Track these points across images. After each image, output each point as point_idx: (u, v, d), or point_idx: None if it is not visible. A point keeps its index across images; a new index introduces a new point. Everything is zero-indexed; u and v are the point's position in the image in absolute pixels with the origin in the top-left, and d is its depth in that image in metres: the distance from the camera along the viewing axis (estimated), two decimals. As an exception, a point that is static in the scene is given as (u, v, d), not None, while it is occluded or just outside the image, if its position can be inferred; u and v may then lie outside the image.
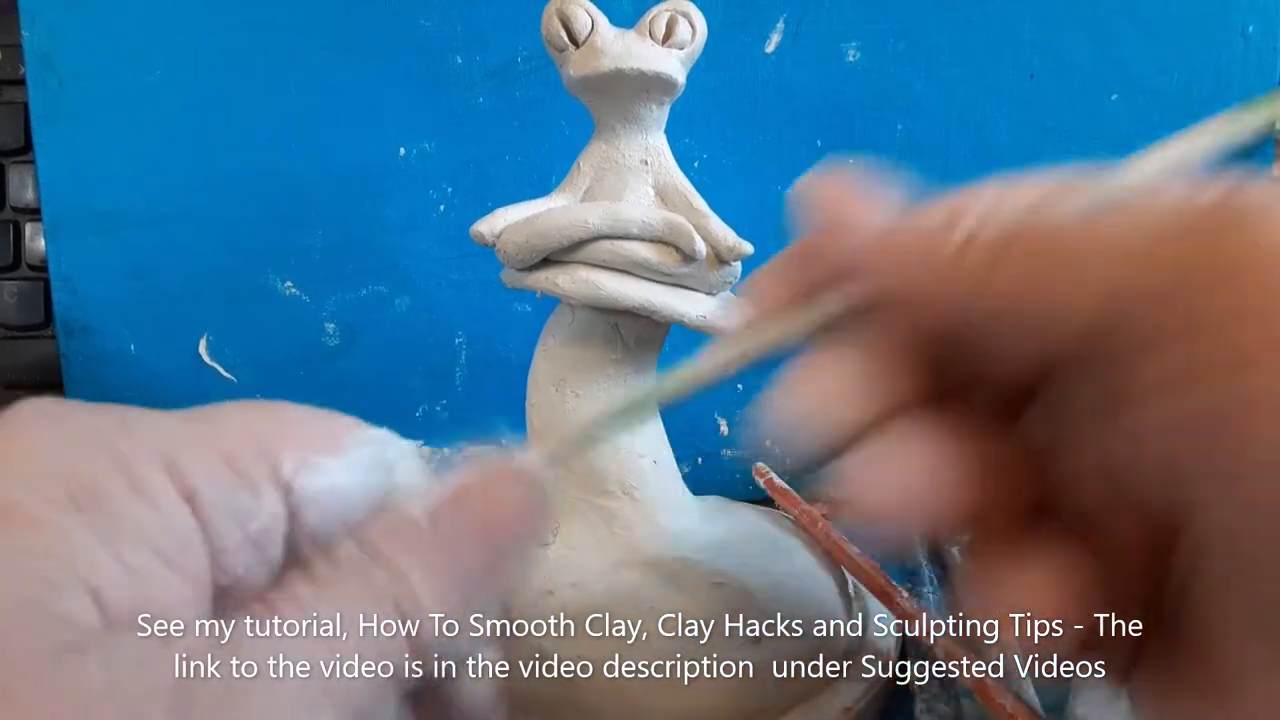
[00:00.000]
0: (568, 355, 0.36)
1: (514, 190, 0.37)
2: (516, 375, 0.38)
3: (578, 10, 0.33)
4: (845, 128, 0.51)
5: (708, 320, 0.34)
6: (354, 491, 0.18)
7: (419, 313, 0.53)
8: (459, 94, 0.51)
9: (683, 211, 0.35)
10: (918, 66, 0.50)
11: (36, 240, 0.56)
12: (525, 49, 0.50)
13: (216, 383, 0.51)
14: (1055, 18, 0.50)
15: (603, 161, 0.36)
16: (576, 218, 0.33)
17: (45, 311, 0.56)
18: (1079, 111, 0.50)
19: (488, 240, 0.34)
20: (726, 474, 0.53)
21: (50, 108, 0.50)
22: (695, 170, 0.50)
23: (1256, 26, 0.49)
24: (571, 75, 0.34)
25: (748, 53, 0.50)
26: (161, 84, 0.50)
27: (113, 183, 0.51)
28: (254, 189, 0.51)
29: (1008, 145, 0.51)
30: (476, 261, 0.51)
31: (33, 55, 0.50)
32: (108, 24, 0.49)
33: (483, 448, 0.20)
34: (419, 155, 0.51)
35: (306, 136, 0.51)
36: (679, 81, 0.34)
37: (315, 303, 0.52)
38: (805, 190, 0.19)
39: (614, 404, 0.22)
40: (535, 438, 0.37)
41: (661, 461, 0.37)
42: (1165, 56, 0.50)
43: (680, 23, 0.34)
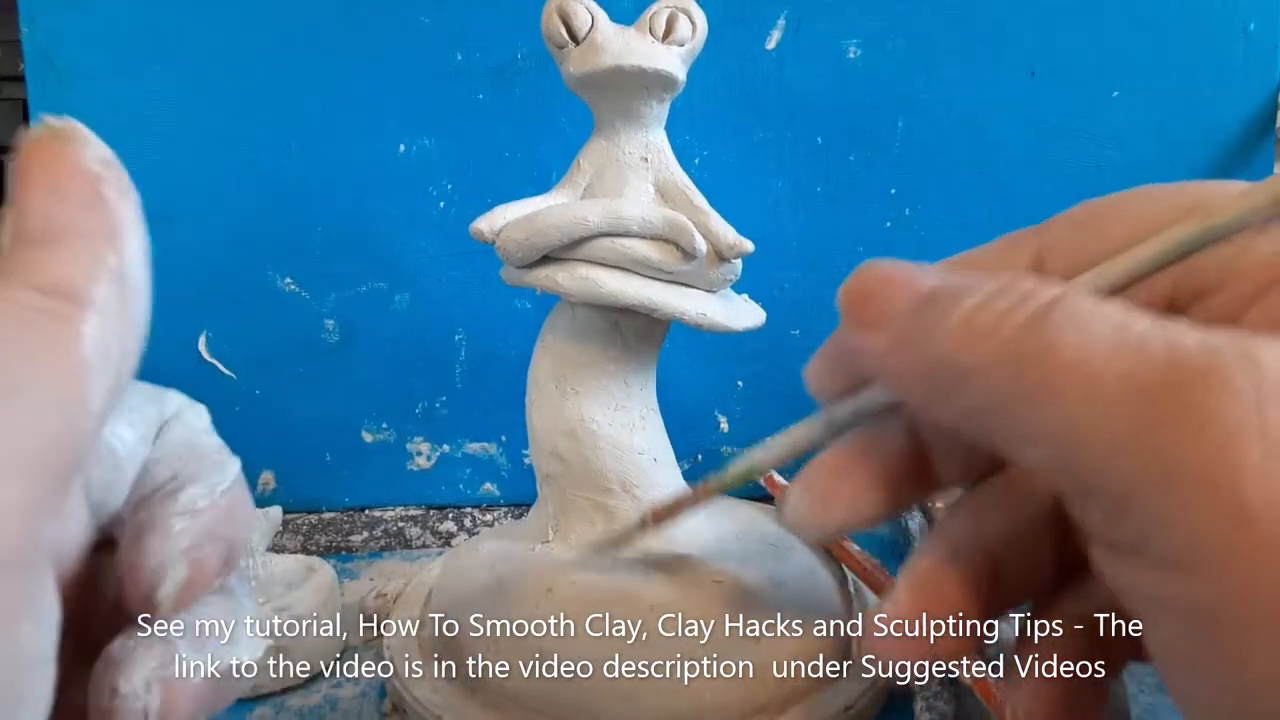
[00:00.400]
0: (568, 352, 0.36)
1: (514, 187, 0.37)
2: (516, 372, 0.38)
3: (578, 7, 0.33)
4: (846, 124, 0.51)
5: (708, 317, 0.34)
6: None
7: (419, 309, 0.53)
8: (459, 91, 0.50)
9: (683, 209, 0.35)
10: (918, 63, 0.50)
11: (36, 237, 0.55)
12: (525, 46, 0.50)
13: (216, 379, 0.51)
14: (1056, 15, 0.49)
15: (603, 158, 0.36)
16: (576, 215, 0.33)
17: (44, 308, 0.56)
18: (1079, 108, 0.50)
19: (487, 238, 0.34)
20: (726, 471, 0.53)
21: (50, 105, 0.50)
22: (695, 167, 0.50)
23: (1257, 24, 0.49)
24: (571, 72, 0.34)
25: (748, 49, 0.50)
26: (161, 81, 0.50)
27: (112, 179, 0.51)
28: (254, 185, 0.51)
29: (1008, 142, 0.51)
30: (476, 258, 0.51)
31: (32, 52, 0.50)
32: (107, 21, 0.49)
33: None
34: (419, 152, 0.51)
35: (306, 133, 0.51)
36: (679, 78, 0.34)
37: (315, 299, 0.52)
38: (842, 294, 0.20)
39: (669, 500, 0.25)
40: (535, 436, 0.37)
41: (661, 459, 0.37)
42: (1166, 54, 0.49)
43: (680, 20, 0.34)
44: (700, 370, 0.53)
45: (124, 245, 0.16)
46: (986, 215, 0.51)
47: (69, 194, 0.16)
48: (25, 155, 0.16)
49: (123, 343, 0.16)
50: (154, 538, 0.17)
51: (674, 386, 0.50)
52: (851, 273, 0.19)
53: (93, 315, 0.15)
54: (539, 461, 0.37)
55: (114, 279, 0.16)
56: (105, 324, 0.16)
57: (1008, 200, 0.51)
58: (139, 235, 0.17)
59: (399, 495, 0.54)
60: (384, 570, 0.48)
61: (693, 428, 0.53)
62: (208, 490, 0.18)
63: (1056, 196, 0.50)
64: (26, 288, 0.15)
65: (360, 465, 0.54)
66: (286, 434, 0.53)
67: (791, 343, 0.52)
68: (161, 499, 0.18)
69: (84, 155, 0.17)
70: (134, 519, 0.17)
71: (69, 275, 0.15)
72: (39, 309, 0.15)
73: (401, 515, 0.53)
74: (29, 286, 0.15)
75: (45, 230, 0.16)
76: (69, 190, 0.16)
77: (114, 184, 0.17)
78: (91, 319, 0.15)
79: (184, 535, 0.17)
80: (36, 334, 0.15)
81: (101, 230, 0.16)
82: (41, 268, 0.15)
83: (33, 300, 0.15)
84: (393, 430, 0.54)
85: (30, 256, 0.16)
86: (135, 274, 0.16)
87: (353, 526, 0.52)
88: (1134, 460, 0.14)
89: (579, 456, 0.36)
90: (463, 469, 0.54)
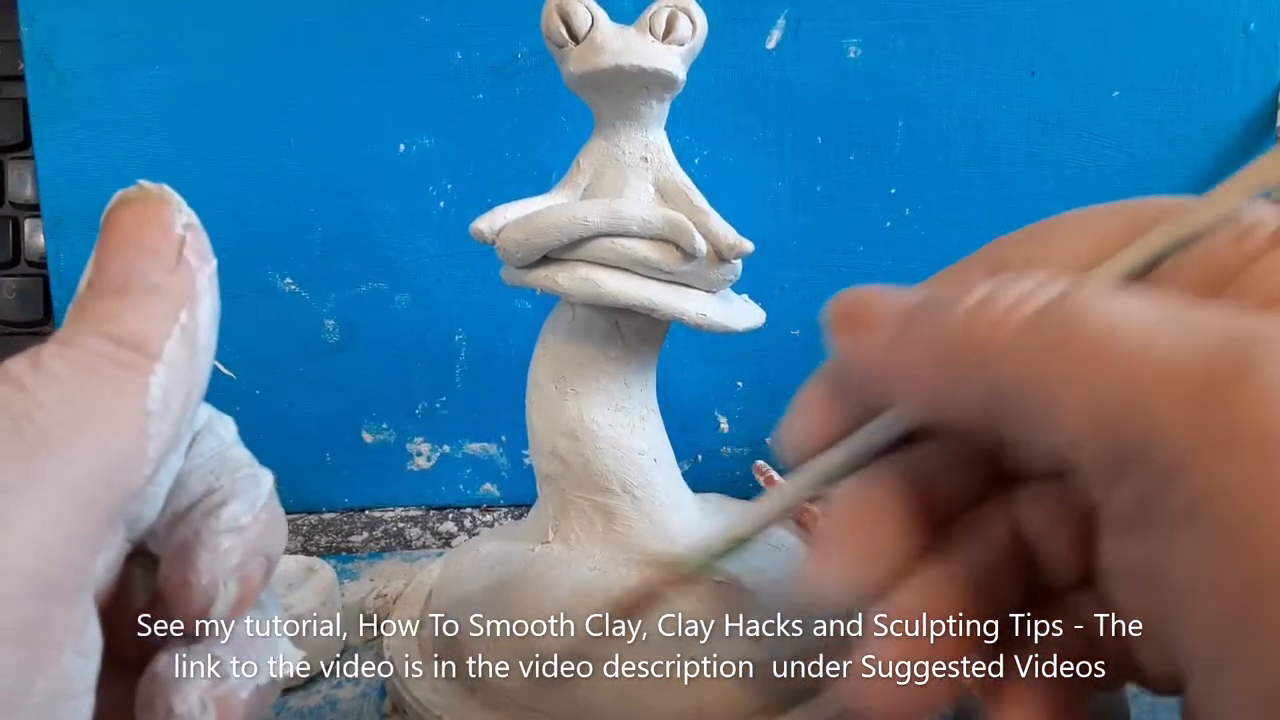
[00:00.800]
0: (568, 352, 0.36)
1: (514, 187, 0.37)
2: (516, 372, 0.38)
3: (578, 6, 0.33)
4: (846, 124, 0.51)
5: (708, 318, 0.34)
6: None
7: (419, 309, 0.53)
8: (459, 90, 0.50)
9: (683, 209, 0.35)
10: (919, 63, 0.50)
11: (36, 236, 0.55)
12: (525, 45, 0.50)
13: (216, 379, 0.51)
14: (1056, 14, 0.49)
15: (603, 158, 0.36)
16: (576, 215, 0.33)
17: (45, 308, 0.56)
18: (1080, 108, 0.50)
19: (487, 238, 0.34)
20: (726, 471, 0.53)
21: (49, 104, 0.50)
22: (696, 167, 0.50)
23: (1258, 23, 0.49)
24: (571, 72, 0.34)
25: (749, 49, 0.50)
26: (160, 80, 0.50)
27: (112, 179, 0.51)
28: (253, 185, 0.51)
29: (1008, 141, 0.51)
30: (476, 258, 0.51)
31: (32, 51, 0.50)
32: (107, 20, 0.49)
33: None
34: (419, 152, 0.51)
35: (306, 132, 0.51)
36: (679, 78, 0.34)
37: (315, 299, 0.52)
38: (827, 313, 0.19)
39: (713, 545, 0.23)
40: (535, 436, 0.37)
41: (661, 459, 0.37)
42: (1166, 53, 0.49)
43: (680, 19, 0.34)
44: (700, 370, 0.53)
45: (198, 307, 0.17)
46: (986, 215, 0.51)
47: (155, 253, 0.17)
48: (116, 211, 0.18)
49: (185, 397, 0.17)
50: (204, 555, 0.17)
51: (674, 387, 0.51)
52: (830, 300, 0.19)
53: (161, 368, 0.16)
54: (539, 462, 0.37)
55: (184, 337, 0.17)
56: (171, 378, 0.16)
57: (1008, 200, 0.51)
58: (213, 298, 0.18)
59: (399, 496, 0.54)
60: (384, 571, 0.48)
61: (693, 428, 0.53)
62: (249, 506, 0.18)
63: (1056, 196, 0.50)
64: (100, 335, 0.16)
65: (360, 466, 0.54)
66: (286, 434, 0.53)
67: (791, 343, 0.52)
68: (203, 515, 0.18)
69: (173, 219, 0.18)
70: (174, 535, 0.18)
71: (143, 329, 0.16)
72: (111, 357, 0.16)
73: (401, 516, 0.53)
74: (103, 334, 0.16)
75: (126, 283, 0.17)
76: (155, 250, 0.17)
77: (196, 249, 0.18)
78: (160, 371, 0.16)
79: (232, 552, 0.18)
80: (105, 380, 0.16)
81: (179, 291, 0.17)
82: (118, 318, 0.16)
83: (105, 348, 0.16)
84: (393, 431, 0.54)
85: (108, 306, 0.17)
86: (204, 335, 0.17)
87: (353, 527, 0.52)
88: (1188, 429, 0.13)
89: (579, 457, 0.36)
90: (463, 469, 0.54)
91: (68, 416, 0.15)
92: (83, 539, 0.15)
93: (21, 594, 0.14)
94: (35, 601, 0.14)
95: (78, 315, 0.17)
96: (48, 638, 0.15)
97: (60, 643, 0.15)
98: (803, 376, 0.21)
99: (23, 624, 0.14)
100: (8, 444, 0.14)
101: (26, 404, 0.15)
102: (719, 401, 0.54)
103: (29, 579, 0.14)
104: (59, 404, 0.15)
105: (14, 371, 0.15)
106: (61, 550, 0.15)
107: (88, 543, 0.15)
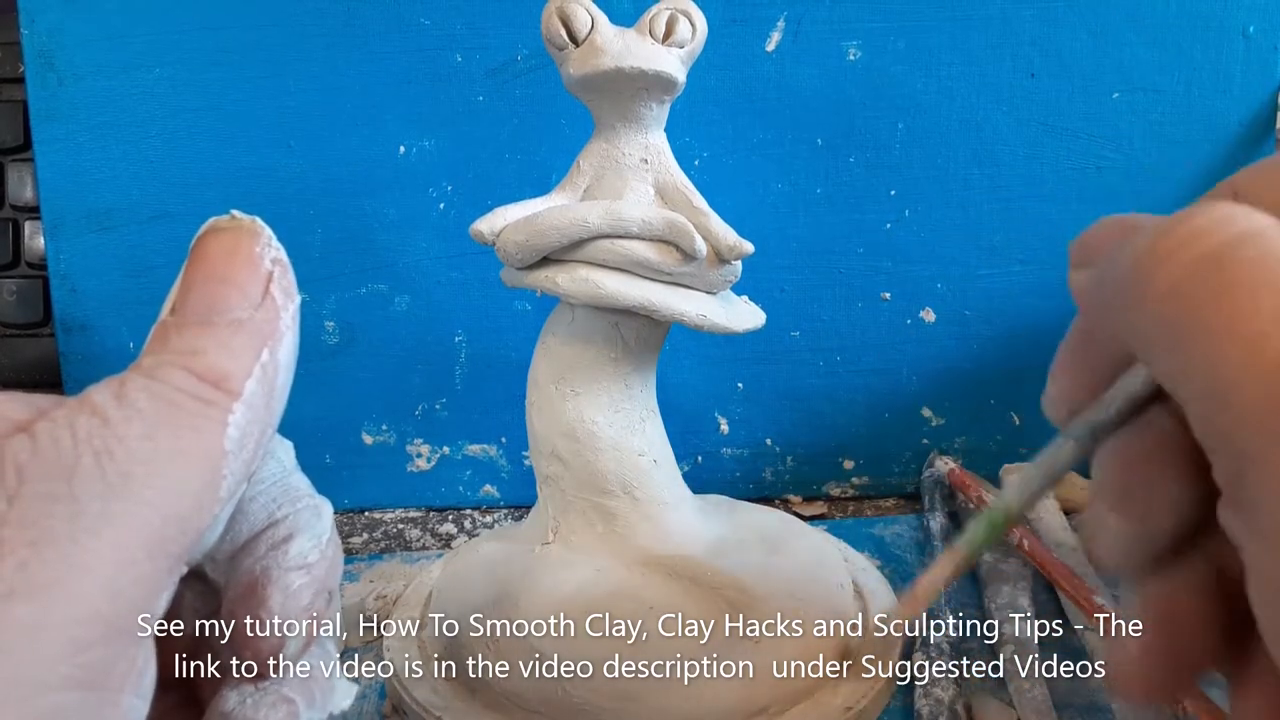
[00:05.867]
0: (568, 354, 0.36)
1: (514, 189, 0.37)
2: (516, 374, 0.38)
3: (578, 9, 0.33)
4: (846, 126, 0.51)
5: (708, 319, 0.34)
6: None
7: (419, 311, 0.53)
8: (459, 92, 0.50)
9: (683, 210, 0.35)
10: (918, 65, 0.50)
11: (36, 238, 0.56)
12: (525, 47, 0.50)
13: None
14: (1056, 16, 0.49)
15: (603, 160, 0.36)
16: (576, 217, 0.33)
17: (44, 309, 0.56)
18: (1079, 110, 0.50)
19: (487, 239, 0.34)
20: (726, 472, 0.53)
21: (49, 106, 0.50)
22: (695, 169, 0.50)
23: (1257, 26, 0.49)
24: (571, 74, 0.34)
25: (748, 51, 0.50)
26: (160, 82, 0.50)
27: (112, 181, 0.51)
28: (253, 187, 0.51)
29: (1008, 143, 0.51)
30: (476, 260, 0.51)
31: (32, 53, 0.50)
32: (107, 22, 0.49)
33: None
34: (419, 153, 0.51)
35: (306, 135, 0.51)
36: (679, 80, 0.34)
37: (315, 301, 0.52)
38: (1074, 240, 0.18)
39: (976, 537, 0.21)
40: (535, 438, 0.37)
41: (662, 460, 0.37)
42: (1166, 55, 0.49)
43: (680, 21, 0.34)
44: (700, 372, 0.53)
45: (280, 345, 0.17)
46: (986, 216, 0.51)
47: (242, 286, 0.17)
48: (206, 239, 0.17)
49: (260, 436, 0.17)
50: (276, 595, 0.17)
51: (674, 388, 0.51)
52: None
53: (240, 407, 0.16)
54: (539, 463, 0.37)
55: (264, 375, 0.17)
56: (249, 417, 0.16)
57: (1008, 201, 0.51)
58: (293, 337, 0.18)
59: (399, 497, 0.54)
60: (384, 572, 0.48)
61: (693, 429, 0.53)
62: (315, 542, 0.18)
63: (1056, 197, 0.50)
64: (182, 369, 0.16)
65: (360, 467, 0.54)
66: (286, 435, 0.53)
67: (791, 344, 0.52)
68: (269, 550, 0.18)
69: (262, 252, 0.18)
70: (239, 568, 0.18)
71: (225, 365, 0.16)
72: (193, 393, 0.16)
73: (401, 517, 0.53)
74: (184, 369, 0.16)
75: (211, 315, 0.17)
76: (242, 283, 0.17)
77: (283, 285, 0.18)
78: (239, 410, 0.16)
79: (304, 591, 0.18)
80: (185, 417, 0.15)
81: (263, 327, 0.17)
82: (200, 352, 0.16)
83: (186, 383, 0.16)
84: (393, 432, 0.54)
85: (191, 338, 0.16)
86: (283, 375, 0.17)
87: (352, 528, 0.52)
88: (1262, 431, 0.13)
89: (579, 458, 0.36)
90: (463, 471, 0.54)
91: (148, 454, 0.15)
92: (151, 581, 0.15)
93: (92, 638, 0.14)
94: (104, 645, 0.14)
95: (160, 344, 0.16)
96: (111, 681, 0.14)
97: (121, 686, 0.15)
98: (803, 376, 0.20)
99: (91, 668, 0.14)
100: (90, 484, 0.14)
101: (109, 439, 0.15)
102: (719, 403, 0.54)
103: (100, 623, 0.14)
104: (140, 440, 0.15)
105: (98, 402, 0.15)
106: (130, 593, 0.14)
107: (156, 585, 0.15)
